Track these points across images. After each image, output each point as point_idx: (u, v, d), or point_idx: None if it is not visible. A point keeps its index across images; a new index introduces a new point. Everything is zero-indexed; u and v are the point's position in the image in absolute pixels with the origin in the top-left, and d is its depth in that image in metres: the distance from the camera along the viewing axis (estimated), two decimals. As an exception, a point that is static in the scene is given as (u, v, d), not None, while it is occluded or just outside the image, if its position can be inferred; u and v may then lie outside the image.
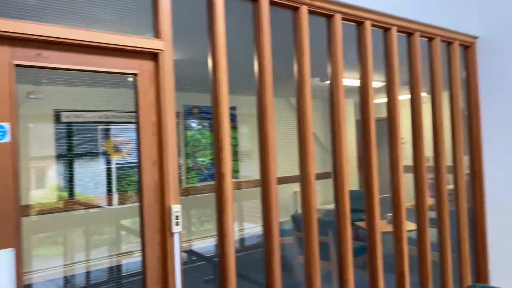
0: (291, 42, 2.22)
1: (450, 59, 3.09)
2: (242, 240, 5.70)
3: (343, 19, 2.38)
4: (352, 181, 2.56)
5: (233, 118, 5.84)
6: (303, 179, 2.20)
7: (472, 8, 3.19)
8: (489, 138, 3.20)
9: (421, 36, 2.83)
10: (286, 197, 5.69)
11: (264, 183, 2.02)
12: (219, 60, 1.85)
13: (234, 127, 5.84)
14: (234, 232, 1.89)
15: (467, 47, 3.22)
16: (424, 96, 2.89)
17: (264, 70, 2.01)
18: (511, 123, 3.05)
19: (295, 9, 2.17)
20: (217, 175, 1.85)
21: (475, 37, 3.22)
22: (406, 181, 2.67)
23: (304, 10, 2.17)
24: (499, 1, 3.10)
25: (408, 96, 2.84)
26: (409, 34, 2.77)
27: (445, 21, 2.94)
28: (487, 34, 3.17)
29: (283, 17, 2.22)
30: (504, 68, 3.09)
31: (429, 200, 3.09)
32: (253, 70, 2.03)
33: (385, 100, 2.68)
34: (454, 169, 3.10)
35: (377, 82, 2.82)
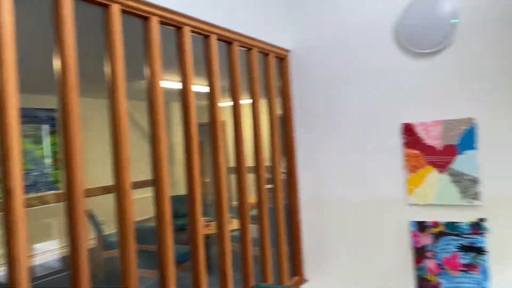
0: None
1: (267, 69, 3.37)
2: (67, 258, 5.14)
3: (161, 22, 2.33)
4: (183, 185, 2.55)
5: (54, 122, 5.20)
6: (117, 187, 2.06)
7: (285, 24, 3.55)
8: (301, 142, 3.60)
9: (240, 46, 3.00)
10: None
11: (68, 194, 1.81)
12: (2, 56, 1.58)
13: (54, 132, 5.21)
14: (27, 258, 1.64)
15: (282, 59, 3.57)
16: (246, 102, 3.08)
17: (67, 69, 1.81)
18: (318, 128, 3.50)
19: (105, 7, 2.03)
20: (4, 191, 1.58)
21: (288, 51, 3.59)
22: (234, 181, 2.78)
23: (115, 8, 2.04)
24: (306, 20, 3.53)
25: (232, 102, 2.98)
26: (229, 43, 2.90)
27: (262, 34, 3.19)
28: (297, 49, 3.57)
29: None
30: (311, 79, 3.52)
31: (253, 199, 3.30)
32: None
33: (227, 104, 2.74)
34: (272, 170, 3.39)
35: (205, 87, 2.87)
